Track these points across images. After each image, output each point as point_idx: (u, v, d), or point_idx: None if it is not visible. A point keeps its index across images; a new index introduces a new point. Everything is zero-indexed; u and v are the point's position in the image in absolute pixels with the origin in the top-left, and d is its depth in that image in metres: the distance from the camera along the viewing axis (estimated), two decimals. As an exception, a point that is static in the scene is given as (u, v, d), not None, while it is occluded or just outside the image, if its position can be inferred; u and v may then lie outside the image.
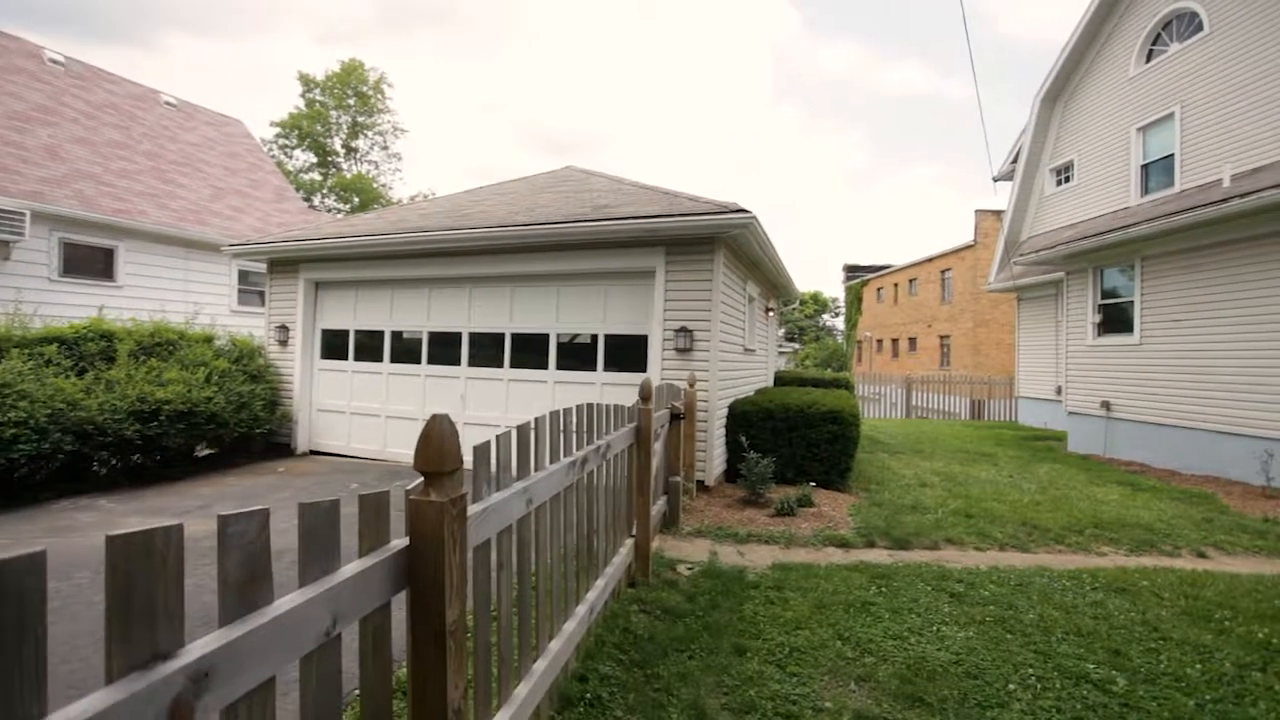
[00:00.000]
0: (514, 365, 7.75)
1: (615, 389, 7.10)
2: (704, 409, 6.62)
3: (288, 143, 36.41)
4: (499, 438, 2.13)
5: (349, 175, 37.37)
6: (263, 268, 9.78)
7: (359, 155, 38.85)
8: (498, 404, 7.78)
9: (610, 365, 7.28)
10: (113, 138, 13.26)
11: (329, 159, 37.53)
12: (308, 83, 36.43)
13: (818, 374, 14.73)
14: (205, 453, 8.26)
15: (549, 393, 7.49)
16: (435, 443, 1.52)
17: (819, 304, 61.14)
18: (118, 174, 12.33)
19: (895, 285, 35.78)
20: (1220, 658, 3.24)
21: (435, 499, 1.51)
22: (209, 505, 6.04)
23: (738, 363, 8.10)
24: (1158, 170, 10.76)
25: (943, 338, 29.72)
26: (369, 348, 8.75)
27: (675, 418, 5.40)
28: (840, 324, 54.98)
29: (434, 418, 1.53)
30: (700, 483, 6.62)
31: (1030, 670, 3.08)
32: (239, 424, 7.98)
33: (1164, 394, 9.14)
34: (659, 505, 5.06)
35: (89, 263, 11.00)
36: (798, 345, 50.76)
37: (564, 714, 2.61)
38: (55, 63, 13.90)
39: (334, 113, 37.15)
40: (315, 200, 35.57)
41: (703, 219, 6.43)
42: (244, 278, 13.53)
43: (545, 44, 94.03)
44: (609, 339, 7.31)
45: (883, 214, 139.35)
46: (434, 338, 8.30)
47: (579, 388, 7.31)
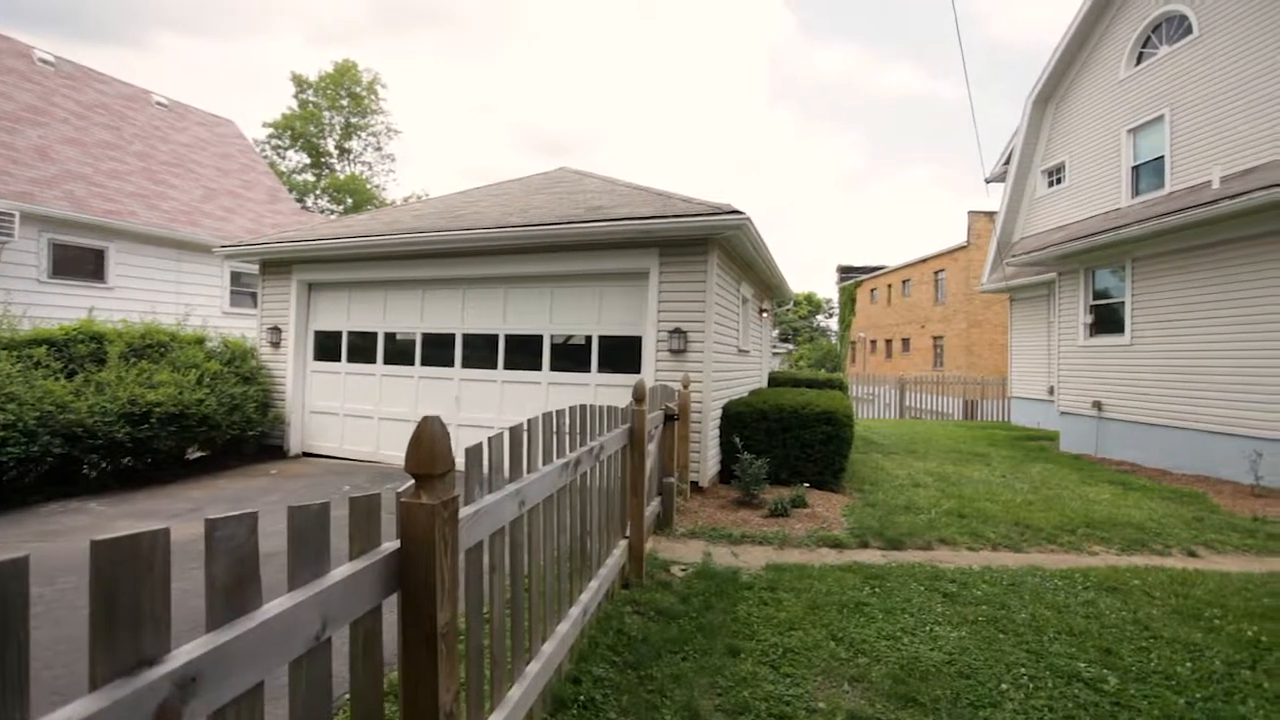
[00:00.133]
0: (508, 367, 7.74)
1: (609, 390, 7.10)
2: (698, 410, 6.63)
3: (280, 143, 36.25)
4: (491, 439, 2.13)
5: (342, 176, 37.23)
6: (255, 269, 9.73)
7: (352, 156, 38.72)
8: (492, 405, 7.77)
9: (604, 366, 7.27)
10: (103, 138, 13.17)
11: (322, 160, 37.38)
12: (300, 83, 36.29)
13: (812, 375, 14.77)
14: (197, 455, 8.22)
15: (543, 394, 7.48)
16: (426, 445, 1.51)
17: (813, 305, 61.28)
18: (108, 175, 12.25)
19: (889, 286, 35.93)
20: (1210, 656, 3.26)
21: (426, 501, 1.50)
22: (200, 508, 6.00)
23: (732, 364, 8.10)
24: (1148, 172, 10.83)
25: (936, 338, 29.85)
26: (362, 349, 8.71)
27: (669, 419, 5.39)
28: (834, 325, 55.11)
29: (425, 420, 1.53)
30: (694, 484, 6.62)
31: (1023, 670, 3.10)
32: (231, 426, 7.93)
33: (1155, 394, 9.20)
34: (653, 506, 5.06)
35: (79, 264, 10.92)
36: (792, 346, 50.86)
37: (557, 716, 2.60)
38: (45, 63, 13.80)
39: (327, 113, 37.01)
40: (308, 201, 35.43)
41: (696, 220, 6.44)
42: (236, 279, 13.46)
43: (541, 45, 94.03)
44: (603, 340, 7.30)
45: (876, 215, 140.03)
46: (428, 339, 8.28)
47: (573, 389, 7.30)
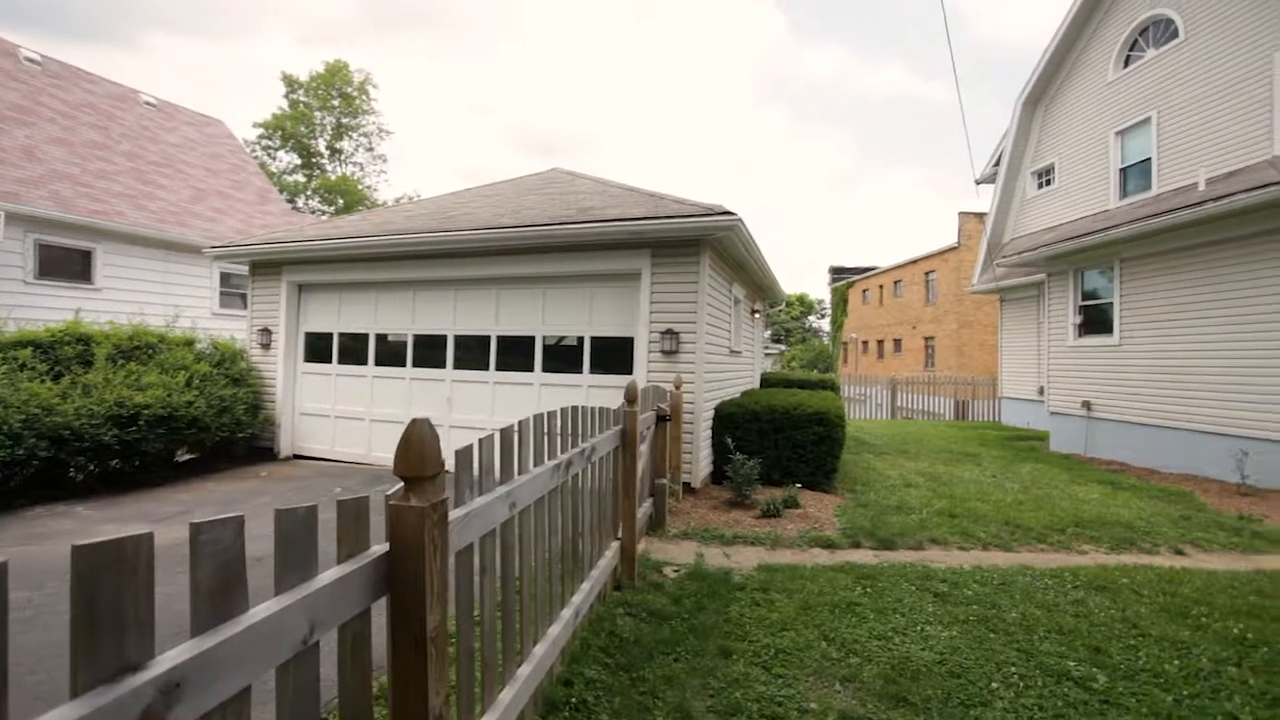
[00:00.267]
0: (500, 368, 7.72)
1: (601, 391, 7.09)
2: (690, 411, 6.63)
3: (271, 144, 36.05)
4: (481, 441, 2.12)
5: (333, 177, 37.07)
6: (245, 270, 9.67)
7: (343, 157, 38.56)
8: (483, 407, 7.75)
9: (596, 368, 7.27)
10: (91, 138, 13.05)
11: (313, 160, 37.19)
12: (291, 83, 36.10)
13: (804, 375, 14.83)
14: (186, 458, 8.15)
15: (535, 395, 7.46)
16: (415, 447, 1.50)
17: (805, 306, 61.48)
18: (96, 175, 12.14)
19: (880, 287, 36.08)
20: (1197, 653, 3.29)
21: (415, 504, 1.49)
22: (188, 511, 5.95)
23: (724, 365, 8.11)
24: (1136, 174, 10.93)
25: (927, 339, 30.00)
26: (353, 350, 8.67)
27: (661, 420, 5.39)
28: (826, 325, 55.34)
29: (414, 422, 1.52)
30: (687, 485, 6.62)
31: (1013, 669, 3.11)
32: (221, 428, 7.87)
33: (1142, 394, 9.29)
34: (645, 508, 5.05)
35: (66, 265, 10.82)
36: (784, 347, 51.02)
37: (549, 718, 2.59)
38: (32, 61, 13.67)
39: (318, 114, 36.84)
40: (299, 202, 35.24)
41: (688, 221, 6.44)
42: (226, 280, 13.36)
43: (534, 46, 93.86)
44: (595, 341, 7.30)
45: (868, 216, 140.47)
46: (419, 340, 8.24)
47: (565, 390, 7.29)
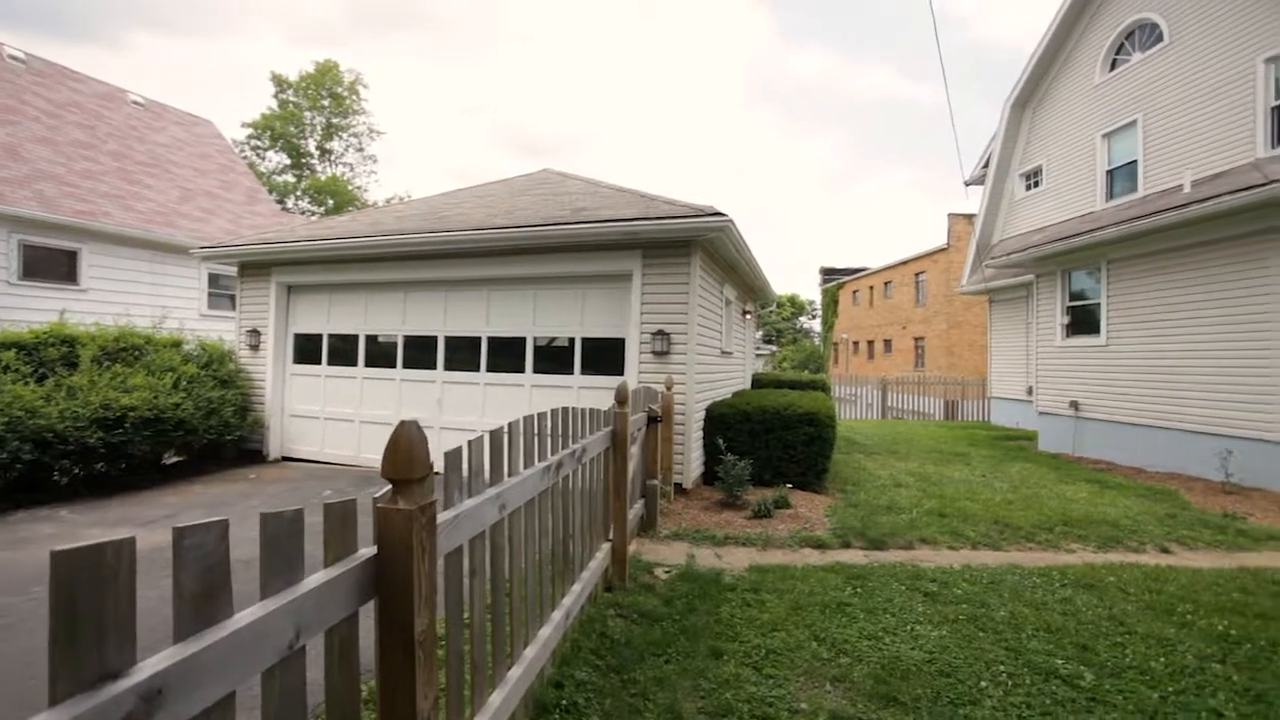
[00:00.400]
0: (491, 369, 7.70)
1: (593, 392, 7.08)
2: (681, 412, 6.64)
3: (260, 144, 35.78)
4: (471, 443, 2.11)
5: (323, 177, 36.84)
6: (233, 271, 9.59)
7: (334, 157, 38.32)
8: (474, 408, 7.72)
9: (588, 368, 7.26)
10: (76, 137, 12.91)
11: (303, 161, 36.94)
12: (280, 83, 35.84)
13: (795, 376, 14.89)
14: (173, 460, 8.07)
15: (526, 396, 7.45)
16: (404, 450, 1.49)
17: (796, 306, 61.66)
18: (81, 175, 12.01)
19: (871, 288, 36.26)
20: (1182, 650, 3.32)
21: (403, 507, 1.49)
22: (175, 514, 5.89)
23: (715, 365, 8.13)
24: (1122, 176, 11.04)
25: (917, 339, 30.17)
26: (343, 352, 8.62)
27: (652, 421, 5.40)
28: (817, 326, 55.52)
29: (402, 424, 1.51)
30: (678, 485, 6.63)
31: (1001, 667, 3.13)
32: (208, 430, 7.80)
33: (1129, 394, 9.38)
34: (636, 509, 5.05)
35: (51, 265, 10.69)
36: (775, 347, 51.16)
37: (539, 721, 2.58)
38: (16, 60, 13.51)
39: (308, 114, 36.59)
40: (289, 203, 35.00)
41: (679, 222, 6.45)
42: (214, 281, 13.26)
43: (525, 47, 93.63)
44: (586, 342, 7.29)
45: (859, 217, 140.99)
46: (409, 341, 8.21)
47: (556, 391, 7.28)
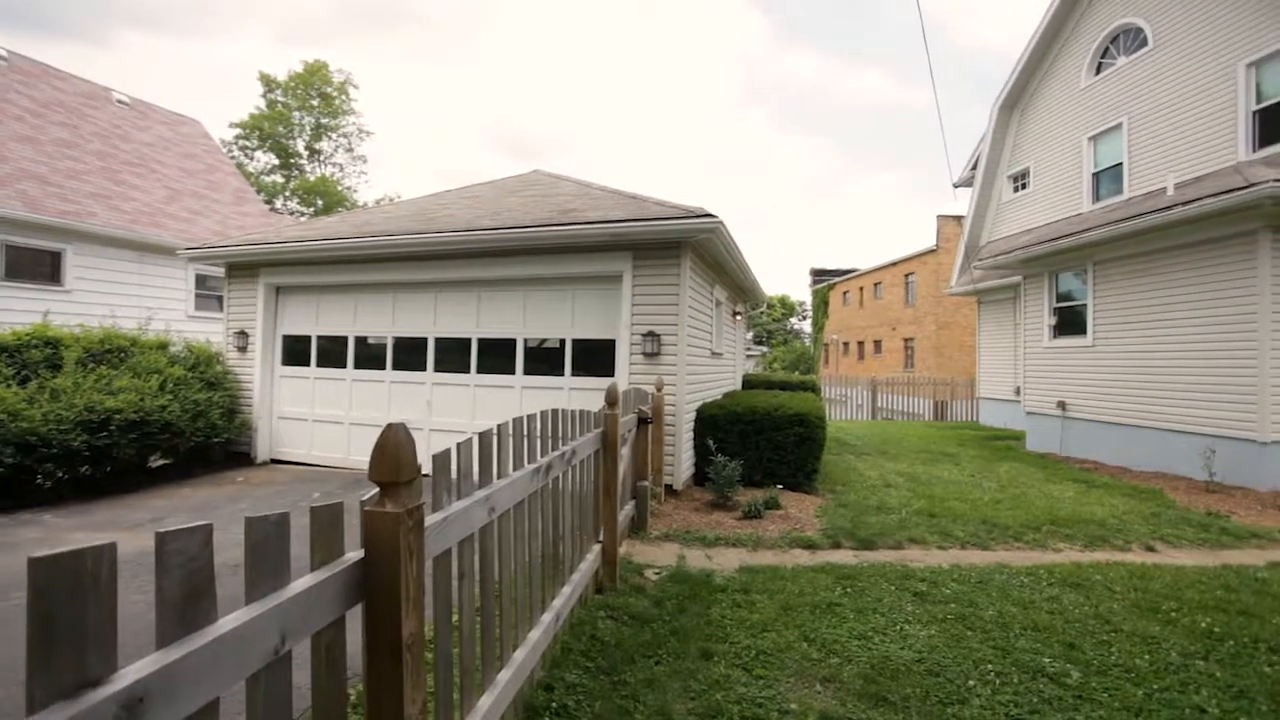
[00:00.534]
0: (481, 370, 7.67)
1: (583, 394, 7.07)
2: (672, 413, 6.64)
3: (248, 144, 35.52)
4: (460, 445, 2.11)
5: (312, 178, 36.60)
6: (221, 272, 9.51)
7: (323, 158, 38.10)
8: (464, 410, 7.69)
9: (578, 370, 7.25)
10: (60, 136, 12.75)
11: (291, 161, 36.70)
12: (269, 83, 35.59)
13: (785, 377, 14.94)
14: (159, 463, 7.98)
15: (516, 398, 7.43)
16: (391, 452, 1.49)
17: (787, 307, 61.89)
18: (65, 174, 11.86)
19: (861, 289, 36.44)
20: (1167, 648, 3.36)
21: (391, 510, 1.48)
22: (161, 518, 5.83)
23: (705, 367, 8.14)
24: (1108, 178, 11.16)
25: (907, 340, 30.35)
26: (332, 353, 8.56)
27: (643, 422, 5.40)
28: (808, 327, 55.77)
29: (389, 427, 1.50)
30: (669, 487, 6.63)
31: (989, 666, 3.16)
32: (195, 433, 7.73)
33: (1115, 394, 9.48)
34: (627, 510, 5.05)
35: (34, 266, 10.55)
36: (766, 348, 51.30)
37: (529, 724, 2.58)
38: (-3, 58, 13.33)
39: (296, 114, 36.35)
40: (277, 203, 34.76)
41: (669, 223, 6.45)
42: (201, 282, 13.14)
43: (517, 48, 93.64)
44: (576, 344, 7.28)
45: (849, 218, 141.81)
46: (399, 343, 8.16)
47: (547, 393, 7.26)
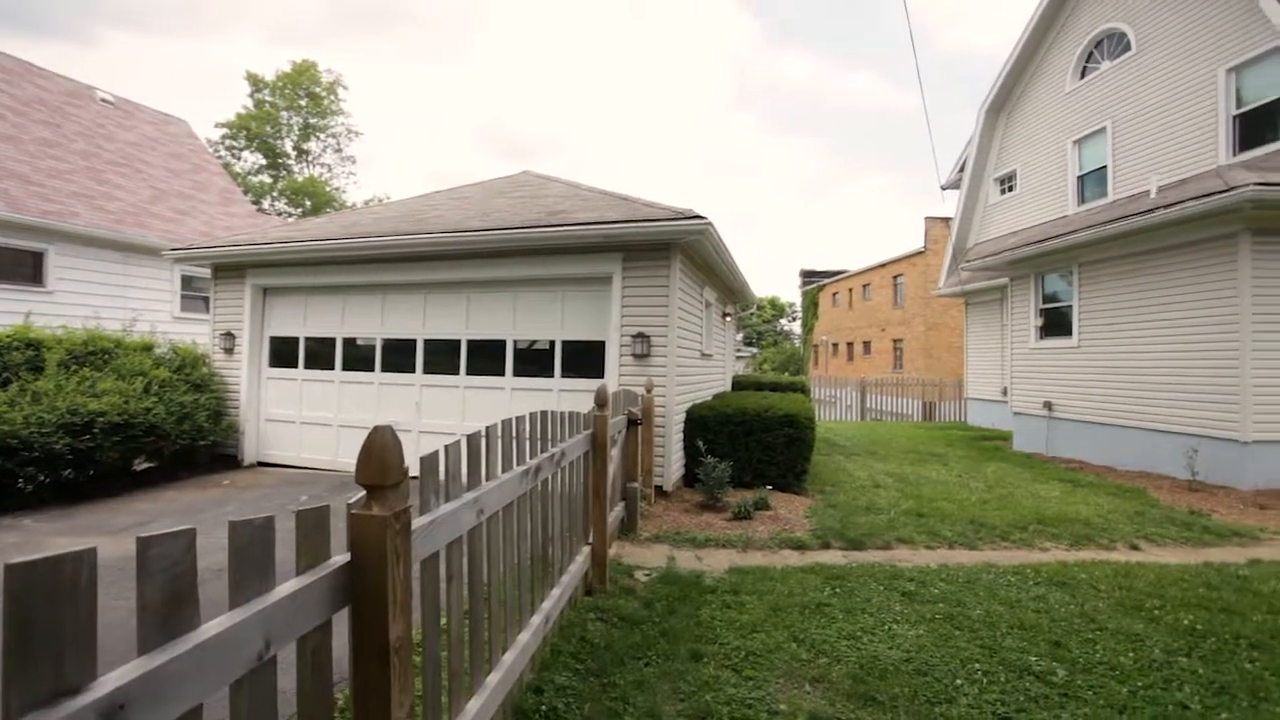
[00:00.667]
0: (470, 372, 7.65)
1: (573, 395, 7.06)
2: (662, 414, 6.65)
3: (235, 144, 35.20)
4: (448, 447, 2.10)
5: (300, 178, 36.34)
6: (207, 273, 9.41)
7: (311, 158, 37.82)
8: (454, 411, 7.66)
9: (568, 371, 7.24)
10: (42, 135, 12.58)
11: (279, 161, 36.41)
12: (256, 83, 35.30)
13: (775, 378, 14.99)
14: (144, 466, 7.88)
15: (506, 399, 7.40)
16: (377, 455, 1.48)
17: (776, 309, 62.09)
18: (48, 173, 11.71)
19: (850, 290, 36.63)
20: (1150, 645, 3.40)
21: (377, 513, 1.47)
22: (146, 522, 5.77)
23: (695, 368, 8.15)
24: (1092, 181, 11.28)
25: (896, 341, 30.54)
26: (320, 355, 8.50)
27: (632, 423, 5.39)
28: (797, 328, 55.96)
29: (375, 429, 1.50)
30: (659, 488, 6.63)
31: (977, 665, 3.18)
32: (181, 436, 7.65)
33: (1100, 394, 9.58)
34: (616, 512, 5.05)
35: (15, 267, 10.40)
36: (756, 349, 51.43)
37: (518, 727, 2.57)
38: (-22, 56, 13.15)
39: (284, 114, 36.07)
40: (265, 204, 34.47)
41: (659, 225, 6.46)
42: (187, 283, 12.99)
43: (508, 49, 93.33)
44: (566, 345, 7.27)
45: (839, 220, 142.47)
46: (388, 345, 8.12)
47: (536, 394, 7.25)
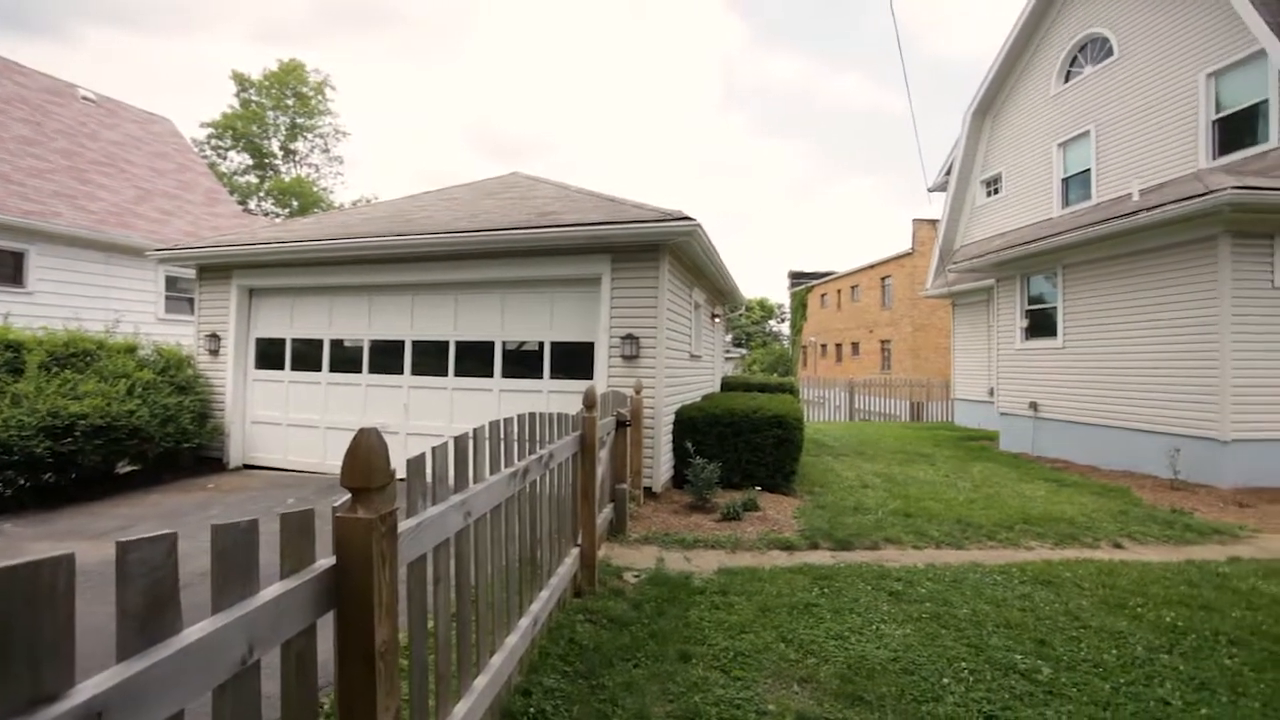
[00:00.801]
0: (459, 374, 7.61)
1: (562, 396, 7.05)
2: (651, 415, 6.65)
3: (221, 144, 34.88)
4: (435, 450, 2.09)
5: (287, 179, 36.05)
6: (192, 274, 9.31)
7: (298, 158, 37.54)
8: (442, 413, 7.62)
9: (557, 373, 7.23)
10: (22, 134, 12.40)
11: (266, 161, 36.11)
12: (242, 82, 35.00)
13: (764, 379, 15.04)
14: (128, 470, 7.78)
15: (495, 401, 7.38)
16: (363, 458, 1.47)
17: (765, 310, 62.31)
18: (28, 173, 11.54)
19: (838, 291, 36.84)
20: (1133, 642, 3.44)
21: (363, 516, 1.46)
22: (129, 526, 5.69)
23: (684, 369, 8.16)
24: (1077, 184, 11.43)
25: (883, 342, 30.74)
26: (307, 357, 8.43)
27: (622, 425, 5.40)
28: (786, 329, 56.18)
29: (361, 432, 1.49)
30: (648, 489, 6.63)
31: (963, 664, 3.20)
32: (165, 438, 7.55)
33: (1084, 394, 9.69)
34: (605, 513, 5.04)
35: (-5, 268, 10.25)
36: (745, 350, 51.57)
37: (506, 730, 2.56)
38: (-44, 53, 12.94)
39: (271, 113, 35.79)
40: (251, 204, 34.17)
41: (647, 226, 6.47)
42: (172, 284, 12.84)
43: (498, 50, 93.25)
44: (555, 346, 7.26)
45: (827, 221, 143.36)
46: (375, 346, 8.07)
47: (525, 396, 7.23)
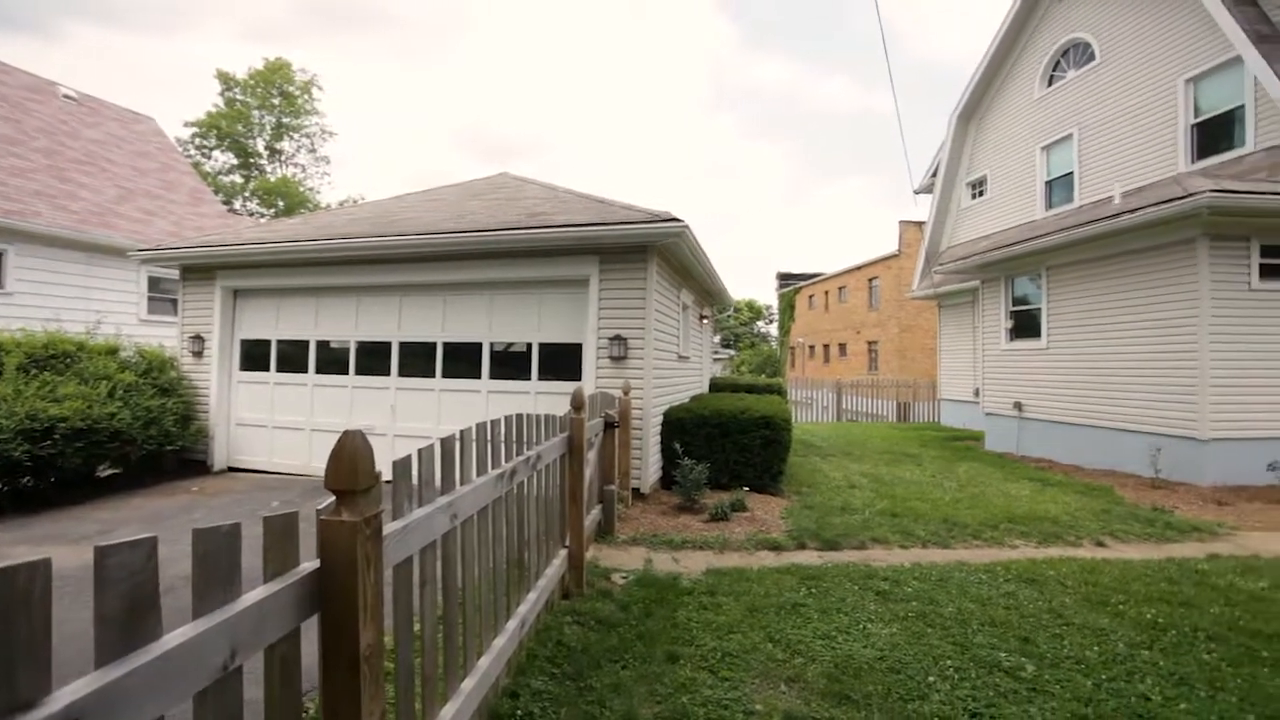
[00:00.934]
0: (446, 375, 7.58)
1: (550, 398, 7.04)
2: (639, 417, 6.65)
3: (205, 143, 34.49)
4: (421, 451, 2.08)
5: (273, 179, 35.72)
6: (176, 274, 9.20)
7: (284, 158, 37.20)
8: (429, 415, 7.58)
9: (545, 374, 7.21)
10: (2, 132, 12.20)
11: (251, 161, 35.75)
12: (227, 81, 34.62)
13: (752, 380, 15.08)
14: (109, 473, 7.67)
15: (482, 402, 7.35)
16: (347, 460, 1.46)
17: (754, 311, 62.54)
18: (8, 172, 11.35)
19: (826, 293, 37.05)
20: (1115, 639, 3.49)
21: (347, 519, 1.45)
22: (109, 530, 5.61)
23: (672, 370, 8.18)
24: (1060, 186, 11.58)
25: (871, 343, 30.95)
26: (292, 358, 8.35)
27: (610, 426, 5.40)
28: (774, 330, 56.40)
29: (346, 434, 1.48)
30: (636, 490, 6.63)
31: (949, 662, 3.23)
32: (148, 441, 7.46)
33: (1068, 395, 9.80)
34: (593, 514, 5.04)
35: (-28, 268, 10.07)
36: (733, 351, 51.70)
37: (494, 733, 2.55)
38: (-67, 50, 12.70)
39: (256, 112, 35.43)
40: (236, 204, 33.82)
41: (635, 228, 6.48)
42: (155, 285, 12.68)
43: (489, 52, 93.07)
44: (543, 348, 7.25)
45: (814, 223, 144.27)
46: (362, 347, 8.02)
47: (513, 397, 7.21)
